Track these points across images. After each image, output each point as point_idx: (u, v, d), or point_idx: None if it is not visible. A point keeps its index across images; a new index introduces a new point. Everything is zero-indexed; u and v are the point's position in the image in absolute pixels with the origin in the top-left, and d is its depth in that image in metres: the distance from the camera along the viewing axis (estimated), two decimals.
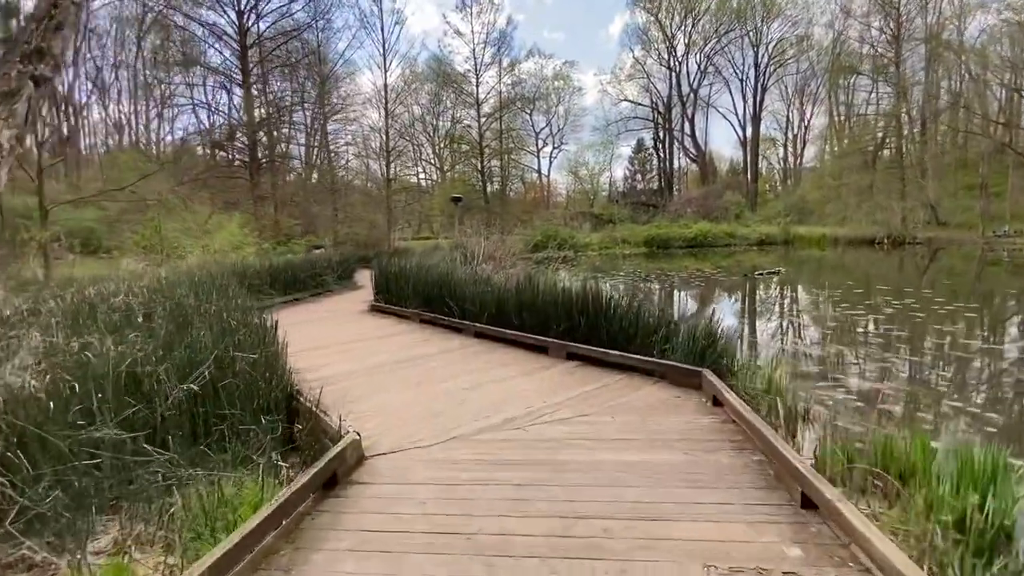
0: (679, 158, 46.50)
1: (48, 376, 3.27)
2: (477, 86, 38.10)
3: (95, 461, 2.77)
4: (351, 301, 10.44)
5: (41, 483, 2.62)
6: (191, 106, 29.58)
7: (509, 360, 5.15)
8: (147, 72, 33.51)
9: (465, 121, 40.56)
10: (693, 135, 44.84)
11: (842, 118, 41.74)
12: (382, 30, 30.39)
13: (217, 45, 26.61)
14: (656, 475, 2.63)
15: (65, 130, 32.83)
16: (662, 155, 44.73)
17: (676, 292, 15.11)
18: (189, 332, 4.15)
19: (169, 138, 33.07)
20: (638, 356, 4.39)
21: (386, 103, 31.02)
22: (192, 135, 29.62)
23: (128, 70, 34.69)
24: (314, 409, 3.50)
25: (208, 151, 28.17)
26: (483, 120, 38.43)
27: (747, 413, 3.03)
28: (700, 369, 3.89)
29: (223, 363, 3.64)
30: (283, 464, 3.04)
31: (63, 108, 33.29)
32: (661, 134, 44.62)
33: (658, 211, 38.85)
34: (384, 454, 3.08)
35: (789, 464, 2.36)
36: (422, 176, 45.51)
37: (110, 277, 8.15)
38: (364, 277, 12.35)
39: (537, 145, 44.25)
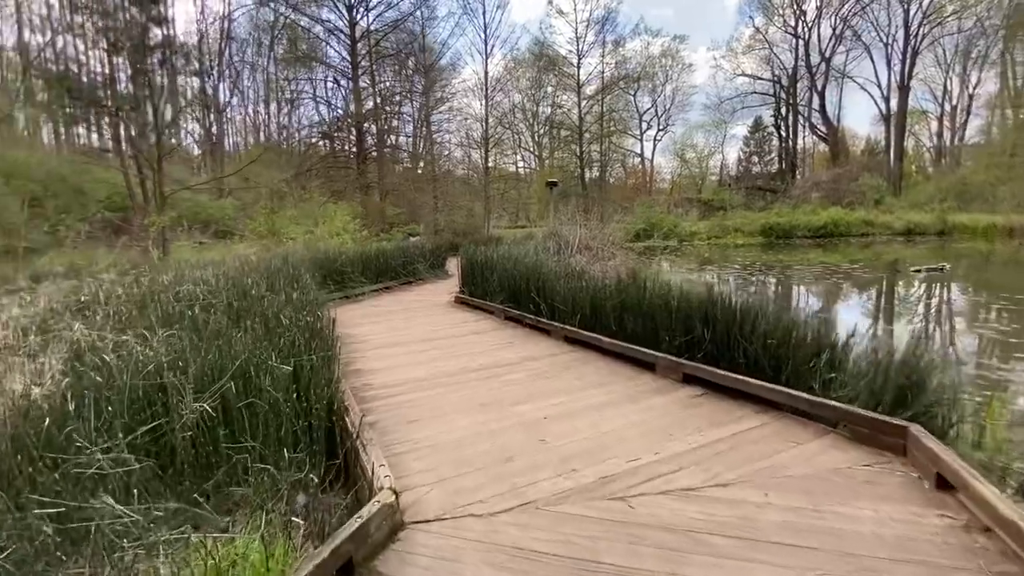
0: (804, 137, 41.19)
1: (66, 380, 2.85)
2: (579, 68, 36.46)
3: (61, 505, 2.20)
4: (438, 292, 9.97)
5: (2, 528, 2.10)
6: (313, 101, 31.51)
7: (605, 377, 4.10)
8: (277, 73, 36.37)
9: (566, 106, 39.15)
10: (823, 110, 39.27)
11: (1020, 82, 34.15)
12: (483, 15, 30.05)
13: (332, 42, 27.99)
14: None
15: (215, 129, 36.85)
16: (784, 134, 39.84)
17: (803, 291, 12.85)
18: (239, 330, 3.63)
19: (295, 134, 35.68)
20: (794, 392, 3.10)
21: (486, 90, 30.72)
22: (309, 127, 31.60)
23: (263, 73, 37.95)
24: (355, 440, 2.76)
25: (325, 143, 29.81)
26: (584, 103, 36.76)
27: None
28: (905, 424, 2.54)
29: (259, 372, 3.02)
30: (300, 521, 2.30)
31: (210, 109, 37.35)
32: (783, 110, 39.68)
33: (777, 196, 34.61)
34: (429, 522, 2.22)
35: None
36: (520, 164, 44.95)
37: (210, 261, 8.29)
38: (456, 266, 11.90)
39: (640, 128, 41.55)
